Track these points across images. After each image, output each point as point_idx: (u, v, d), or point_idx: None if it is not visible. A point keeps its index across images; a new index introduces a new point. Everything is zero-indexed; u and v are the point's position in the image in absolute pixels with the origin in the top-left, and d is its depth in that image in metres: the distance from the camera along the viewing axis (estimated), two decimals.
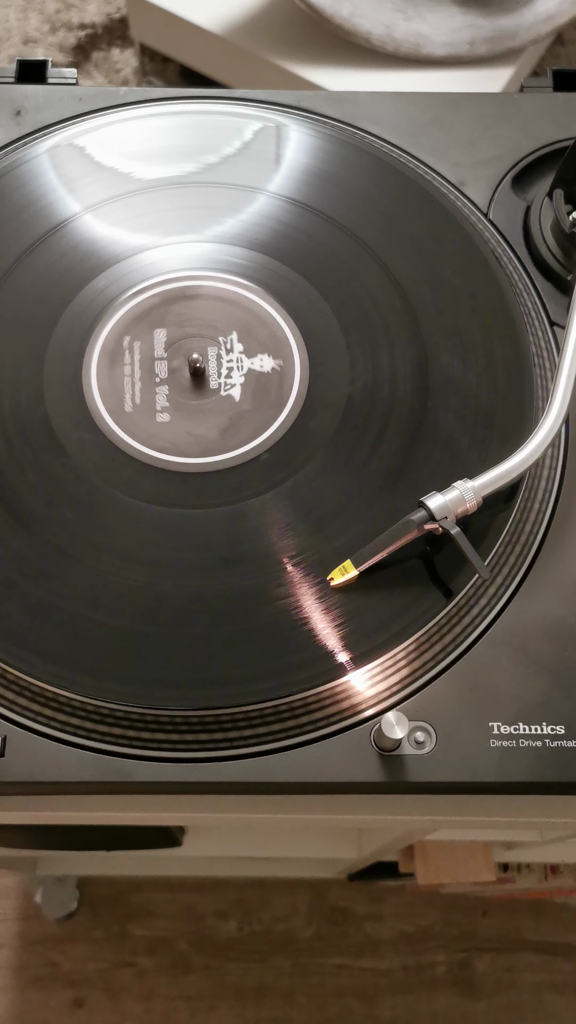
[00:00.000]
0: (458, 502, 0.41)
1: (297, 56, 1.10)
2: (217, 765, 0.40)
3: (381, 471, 0.43)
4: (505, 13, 1.08)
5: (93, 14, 1.29)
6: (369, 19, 1.06)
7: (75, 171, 0.50)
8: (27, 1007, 1.11)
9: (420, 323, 0.46)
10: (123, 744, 0.40)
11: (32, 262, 0.48)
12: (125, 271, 0.48)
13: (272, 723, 0.40)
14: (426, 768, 0.39)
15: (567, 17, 1.08)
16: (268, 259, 0.48)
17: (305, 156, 0.51)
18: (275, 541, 0.42)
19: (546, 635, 0.42)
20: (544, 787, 0.40)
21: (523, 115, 0.53)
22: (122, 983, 1.12)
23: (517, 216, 0.51)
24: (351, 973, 1.13)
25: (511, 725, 0.40)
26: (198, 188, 0.50)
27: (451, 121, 0.53)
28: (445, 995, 1.12)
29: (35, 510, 0.43)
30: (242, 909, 1.16)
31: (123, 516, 0.43)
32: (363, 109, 0.53)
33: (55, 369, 0.45)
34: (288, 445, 0.44)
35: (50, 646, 0.40)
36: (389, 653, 0.40)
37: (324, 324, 0.46)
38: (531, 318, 0.47)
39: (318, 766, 0.39)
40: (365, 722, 0.40)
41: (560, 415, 0.42)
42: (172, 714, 0.40)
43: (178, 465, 0.44)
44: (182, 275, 0.48)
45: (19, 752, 0.40)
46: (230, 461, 0.44)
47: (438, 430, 0.44)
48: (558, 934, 1.14)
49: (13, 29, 1.28)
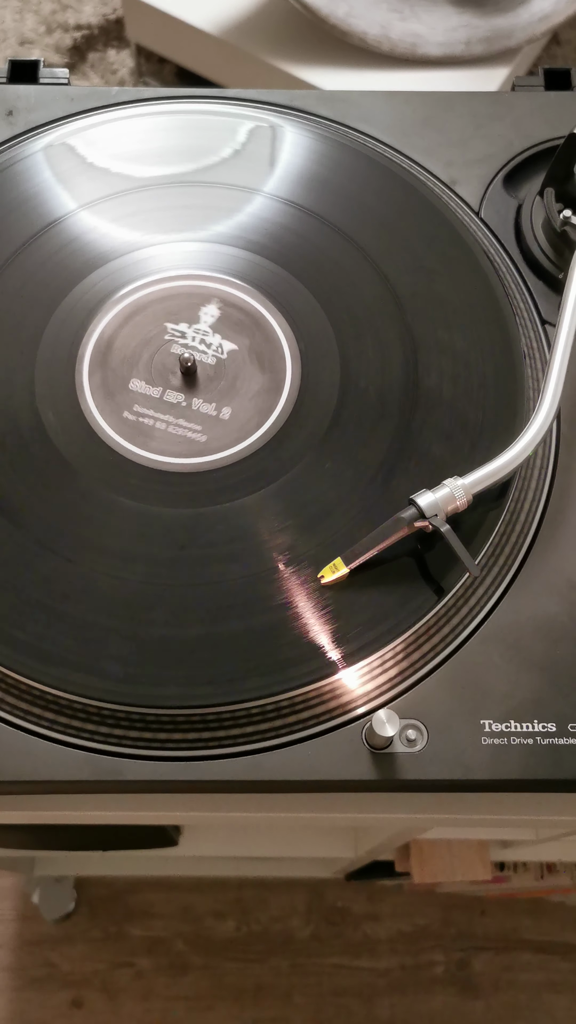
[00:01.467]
0: (448, 500, 0.41)
1: (294, 57, 1.10)
2: (209, 764, 0.40)
3: (372, 469, 0.43)
4: (501, 13, 1.08)
5: (89, 15, 1.29)
6: (365, 19, 1.06)
7: (67, 171, 0.50)
8: (25, 1008, 1.11)
9: (411, 322, 0.46)
10: (115, 743, 0.40)
11: (23, 261, 0.48)
12: (115, 269, 0.48)
13: (263, 721, 0.40)
14: (418, 766, 0.39)
15: (563, 17, 1.08)
16: (259, 258, 0.48)
17: (297, 155, 0.51)
18: (267, 539, 0.42)
19: (538, 632, 0.42)
20: (536, 784, 0.40)
21: (515, 114, 0.53)
22: (120, 983, 1.12)
23: (508, 215, 0.51)
24: (349, 973, 1.13)
25: (503, 723, 0.40)
26: (188, 188, 0.50)
27: (443, 120, 0.53)
28: (443, 994, 1.12)
29: (25, 509, 0.43)
30: (240, 909, 1.16)
31: (114, 515, 0.43)
32: (355, 108, 0.53)
33: (46, 370, 0.45)
34: (279, 443, 0.44)
35: (42, 644, 0.40)
36: (380, 651, 0.40)
37: (315, 322, 0.46)
38: (522, 316, 0.47)
39: (309, 764, 0.39)
40: (356, 720, 0.40)
41: (550, 412, 0.43)
42: (164, 713, 0.40)
43: (168, 465, 0.44)
44: (174, 275, 0.48)
45: (11, 751, 0.40)
46: (221, 461, 0.44)
47: (429, 428, 0.44)
48: (556, 933, 1.14)
49: (9, 30, 1.28)
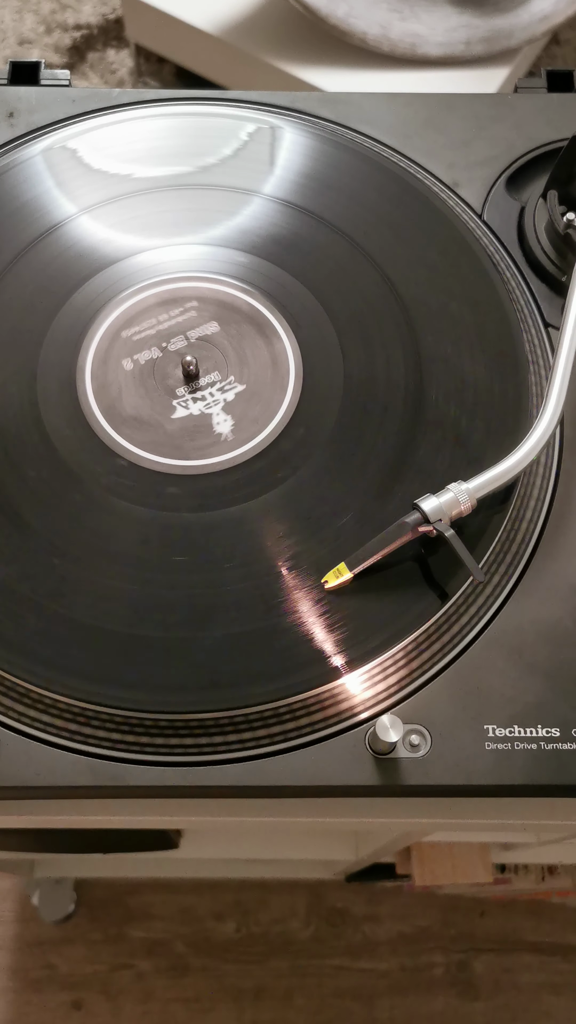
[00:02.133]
0: (452, 504, 0.40)
1: (293, 57, 1.10)
2: (211, 769, 0.39)
3: (376, 473, 0.43)
4: (501, 13, 1.08)
5: (88, 15, 1.29)
6: (365, 19, 1.05)
7: (68, 173, 0.50)
8: (25, 1010, 1.11)
9: (414, 325, 0.46)
10: (117, 748, 0.40)
11: (25, 265, 0.48)
12: (117, 273, 0.47)
13: (266, 727, 0.40)
14: (421, 771, 0.39)
15: (563, 17, 1.08)
16: (262, 261, 0.48)
17: (298, 158, 0.51)
18: (270, 544, 0.42)
19: (541, 637, 0.42)
20: (539, 790, 0.40)
21: (517, 116, 0.53)
22: (120, 985, 1.12)
23: (511, 217, 0.50)
24: (349, 974, 1.13)
25: (506, 728, 0.40)
26: (189, 191, 0.50)
27: (445, 122, 0.53)
28: (443, 996, 1.12)
29: (28, 513, 0.42)
30: (240, 911, 1.16)
31: (118, 520, 0.42)
32: (357, 110, 0.53)
33: (49, 372, 0.45)
34: (283, 448, 0.44)
35: (44, 649, 0.40)
36: (384, 656, 0.40)
37: (319, 327, 0.46)
38: (525, 319, 0.47)
39: (313, 769, 0.39)
40: (360, 725, 0.40)
41: (554, 417, 0.42)
42: (166, 718, 0.40)
43: (170, 468, 0.44)
44: (176, 276, 0.48)
45: (12, 757, 0.39)
46: (223, 464, 0.44)
47: (432, 432, 0.44)
48: (556, 935, 1.14)
49: (8, 30, 1.28)
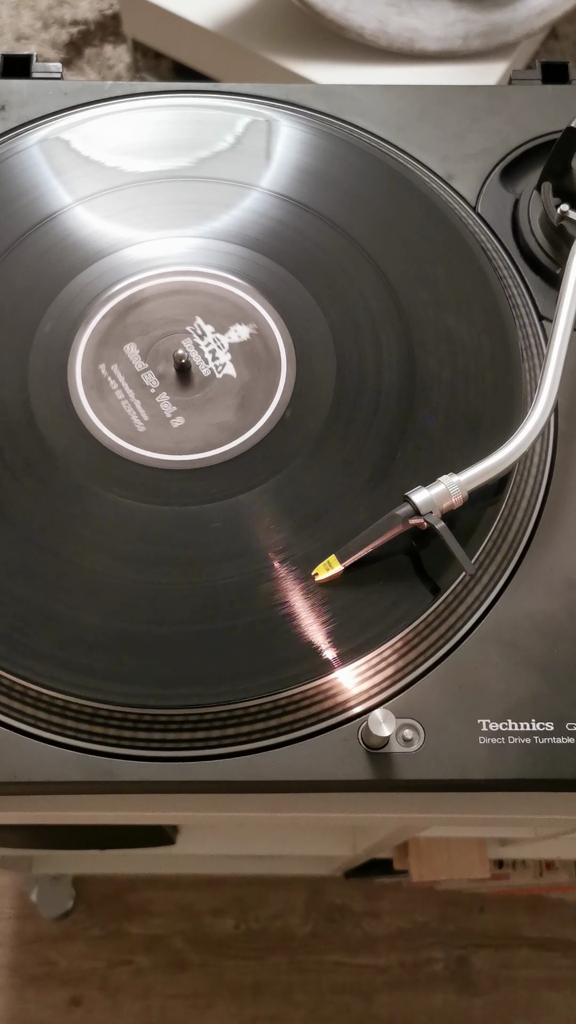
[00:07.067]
0: (443, 496, 0.40)
1: (290, 52, 1.09)
2: (203, 764, 0.39)
3: (368, 466, 0.43)
4: (498, 7, 1.07)
5: (85, 10, 1.29)
6: (362, 14, 1.05)
7: (61, 166, 0.50)
8: (24, 1006, 1.11)
9: (408, 317, 0.46)
10: (109, 743, 0.40)
11: (18, 257, 0.47)
12: (109, 266, 0.47)
13: (259, 721, 0.40)
14: (414, 766, 0.39)
15: (560, 11, 1.08)
16: (255, 254, 0.48)
17: (292, 150, 0.50)
18: (261, 537, 0.42)
19: (535, 631, 0.42)
20: (533, 784, 0.40)
21: (512, 108, 0.53)
22: (119, 981, 1.12)
23: (505, 209, 0.50)
24: (348, 970, 1.13)
25: (500, 722, 0.40)
26: (184, 183, 0.50)
27: (440, 114, 0.52)
28: (442, 992, 1.12)
29: (15, 504, 0.42)
30: (239, 907, 1.16)
31: (109, 514, 0.42)
32: (351, 102, 0.53)
33: (39, 367, 0.45)
34: (275, 441, 0.44)
35: (35, 644, 0.40)
36: (376, 650, 0.40)
37: (311, 318, 0.46)
38: (519, 311, 0.47)
39: (305, 764, 0.39)
40: (352, 720, 0.40)
41: (547, 409, 0.42)
42: (158, 713, 0.39)
43: (161, 463, 0.43)
44: (170, 271, 0.47)
45: (3, 752, 0.39)
46: (214, 459, 0.43)
47: (425, 424, 0.44)
48: (555, 930, 1.14)
49: (5, 26, 1.28)
